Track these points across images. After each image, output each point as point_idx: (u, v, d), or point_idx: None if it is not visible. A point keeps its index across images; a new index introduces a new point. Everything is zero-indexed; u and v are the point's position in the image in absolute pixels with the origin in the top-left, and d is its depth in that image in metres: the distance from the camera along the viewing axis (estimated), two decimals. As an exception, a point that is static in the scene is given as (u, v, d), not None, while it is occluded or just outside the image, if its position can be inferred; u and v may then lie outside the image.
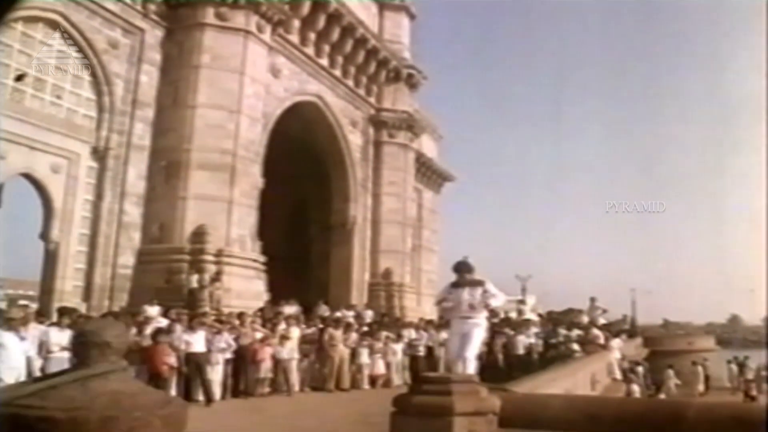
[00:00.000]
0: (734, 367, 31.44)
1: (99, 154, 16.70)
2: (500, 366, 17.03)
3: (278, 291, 18.54)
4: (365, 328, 16.86)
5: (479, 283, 7.71)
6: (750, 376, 29.27)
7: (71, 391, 1.87)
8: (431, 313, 27.07)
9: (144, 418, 1.92)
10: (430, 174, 34.57)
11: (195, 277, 16.04)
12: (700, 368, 29.56)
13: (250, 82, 18.89)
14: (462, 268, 7.91)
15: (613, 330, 22.75)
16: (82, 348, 1.98)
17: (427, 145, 34.04)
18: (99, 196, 16.64)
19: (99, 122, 16.78)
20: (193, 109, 17.89)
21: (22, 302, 18.06)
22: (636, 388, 20.55)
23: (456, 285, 7.78)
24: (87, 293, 16.08)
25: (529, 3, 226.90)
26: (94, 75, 16.71)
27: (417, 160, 30.36)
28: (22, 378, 7.94)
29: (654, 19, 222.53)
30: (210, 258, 16.80)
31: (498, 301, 8.03)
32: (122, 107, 17.16)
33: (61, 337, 9.28)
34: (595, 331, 19.53)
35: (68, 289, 15.79)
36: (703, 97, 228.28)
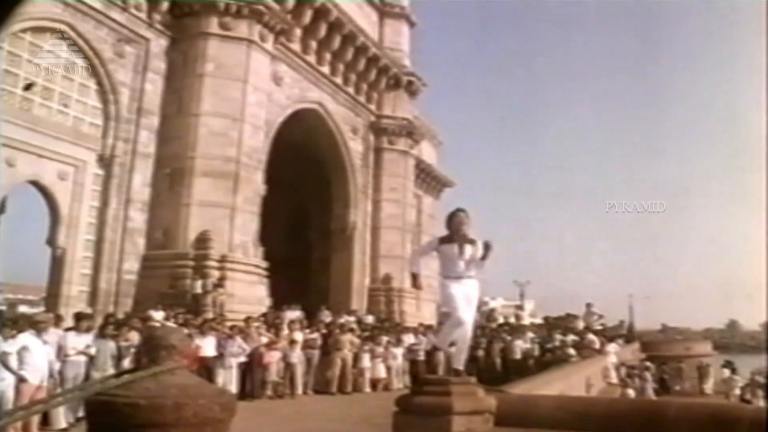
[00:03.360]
0: (727, 372, 31.87)
1: (105, 162, 17.02)
2: (498, 369, 17.36)
3: (279, 296, 18.85)
4: (366, 333, 17.17)
5: (474, 241, 6.27)
6: (740, 381, 29.73)
7: (148, 383, 2.33)
8: (430, 318, 27.43)
9: (207, 404, 2.38)
10: (429, 180, 34.90)
11: (199, 283, 16.35)
12: (711, 368, 30.18)
13: (252, 90, 19.23)
14: (459, 219, 6.32)
15: (609, 335, 23.08)
16: (153, 349, 2.43)
17: (426, 151, 34.38)
18: (105, 202, 16.95)
19: (105, 130, 17.10)
20: (197, 117, 18.21)
21: (23, 307, 18.35)
22: (631, 392, 20.84)
23: (449, 240, 6.28)
24: (92, 298, 16.36)
25: (526, 6, 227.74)
26: (100, 84, 17.04)
27: (416, 166, 30.69)
28: (45, 381, 8.27)
29: (653, 21, 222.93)
30: (213, 263, 17.12)
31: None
32: (128, 115, 17.48)
33: (77, 341, 9.62)
34: (591, 336, 19.86)
35: (74, 294, 16.07)
36: (707, 100, 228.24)
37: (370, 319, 21.10)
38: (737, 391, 26.95)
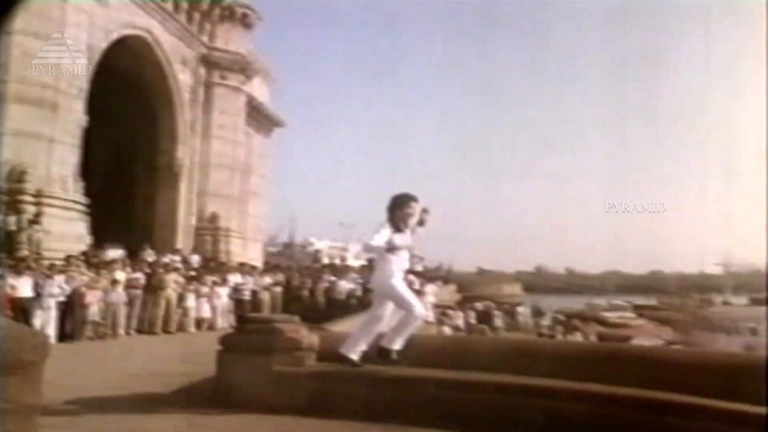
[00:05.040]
0: (526, 310, 35.65)
1: None
2: (322, 309, 18.02)
3: (101, 233, 18.11)
4: (192, 273, 17.09)
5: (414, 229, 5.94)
6: (546, 321, 33.26)
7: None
8: (257, 258, 27.64)
9: (16, 347, 2.39)
10: (261, 118, 34.45)
11: (13, 219, 15.28)
12: (520, 308, 33.34)
13: (73, 9, 17.85)
14: (413, 210, 5.86)
15: (428, 276, 24.61)
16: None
17: (258, 88, 33.82)
18: None
19: None
20: (9, 35, 16.66)
21: None
22: (447, 330, 22.58)
23: (399, 230, 5.78)
24: None
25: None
26: None
27: (248, 103, 30.16)
28: None
29: None
30: (29, 198, 16.02)
31: None
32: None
33: None
34: (411, 277, 21.05)
35: None
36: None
37: (195, 258, 20.92)
38: (543, 329, 30.14)
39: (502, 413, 5.02)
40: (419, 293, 20.20)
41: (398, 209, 5.79)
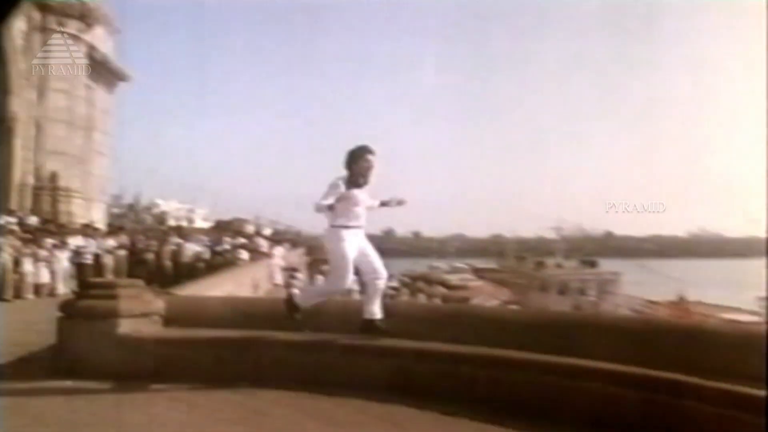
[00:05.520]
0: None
1: None
2: (168, 272, 17.80)
3: None
4: (29, 236, 16.23)
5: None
6: (393, 283, 34.46)
7: None
8: (100, 220, 26.49)
9: None
10: (104, 71, 32.55)
11: None
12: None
13: None
14: (370, 164, 5.54)
15: (277, 239, 24.81)
16: None
17: (101, 39, 31.89)
18: None
19: None
20: None
21: None
22: (297, 292, 22.93)
23: (355, 184, 5.49)
24: None
25: None
26: None
27: (90, 55, 28.42)
28: None
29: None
30: None
31: None
32: None
33: None
34: (260, 240, 21.23)
35: None
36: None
37: (33, 220, 19.79)
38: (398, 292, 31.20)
39: (349, 373, 5.22)
40: (267, 256, 20.46)
41: (354, 164, 5.50)
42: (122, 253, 18.15)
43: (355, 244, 5.48)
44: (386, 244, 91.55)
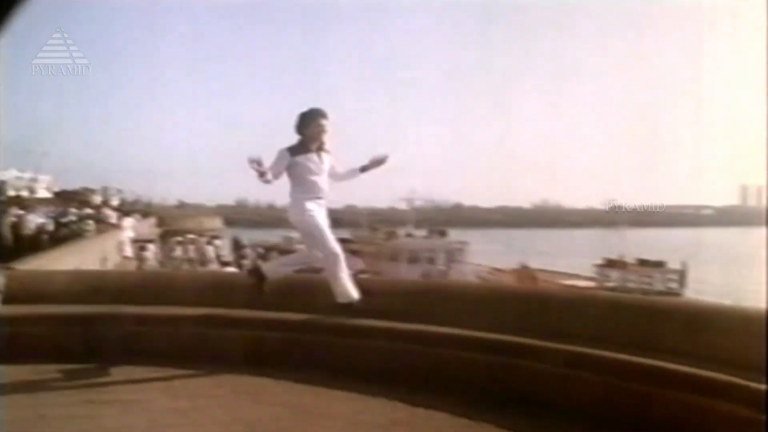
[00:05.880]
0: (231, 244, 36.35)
1: None
2: (9, 245, 16.60)
3: None
4: None
5: (329, 151, 5.20)
6: (248, 251, 34.22)
7: None
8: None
9: None
10: None
11: None
12: (211, 248, 33.19)
13: None
14: (321, 127, 5.08)
15: (126, 210, 23.79)
16: None
17: None
18: None
19: None
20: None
21: None
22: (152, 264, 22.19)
23: (303, 149, 5.06)
24: None
25: None
26: None
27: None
28: None
29: None
30: None
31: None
32: None
33: None
34: (107, 211, 20.23)
35: None
36: None
37: None
38: (246, 261, 30.82)
39: (201, 345, 5.16)
40: (116, 227, 19.57)
41: (305, 128, 5.04)
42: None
43: (322, 216, 5.10)
44: (239, 215, 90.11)
